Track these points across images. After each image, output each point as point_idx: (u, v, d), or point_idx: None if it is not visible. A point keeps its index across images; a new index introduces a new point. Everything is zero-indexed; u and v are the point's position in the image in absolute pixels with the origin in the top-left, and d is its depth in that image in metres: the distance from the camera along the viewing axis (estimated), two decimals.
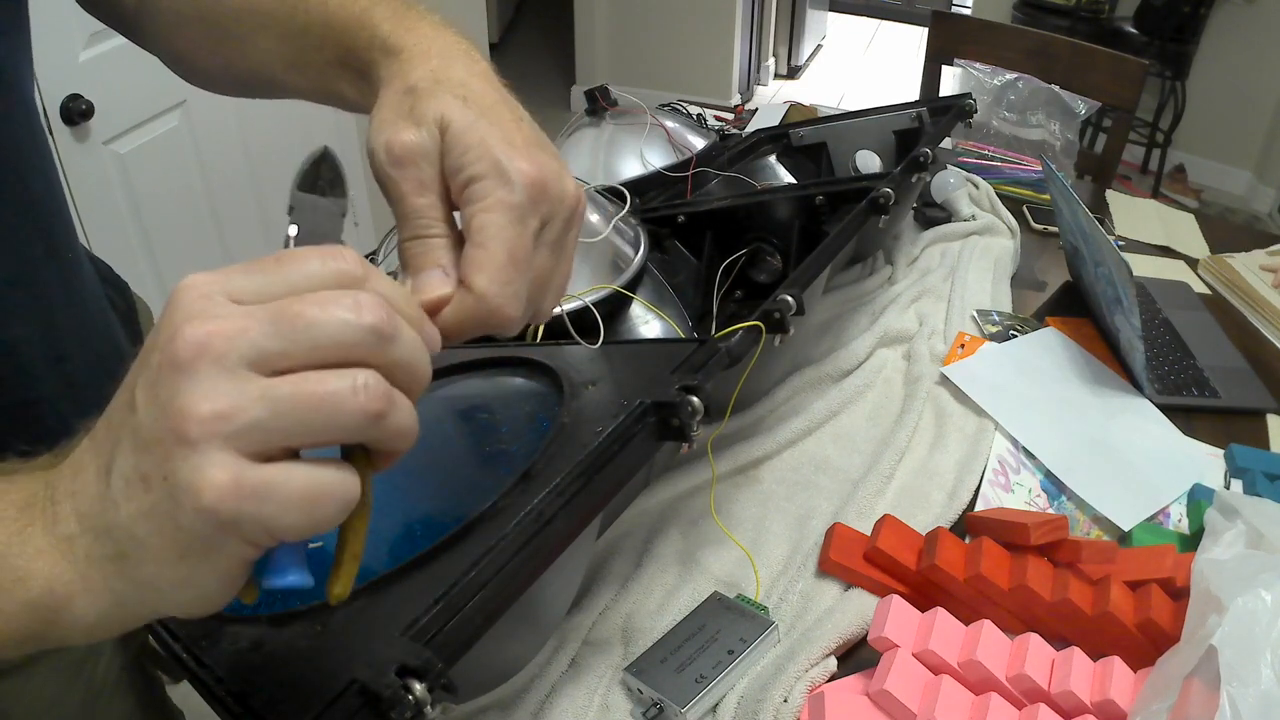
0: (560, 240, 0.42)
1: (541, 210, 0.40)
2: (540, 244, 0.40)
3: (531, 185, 0.39)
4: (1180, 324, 1.04)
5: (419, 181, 0.39)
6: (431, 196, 0.40)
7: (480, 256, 0.38)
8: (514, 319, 0.39)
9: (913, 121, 1.14)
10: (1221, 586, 0.55)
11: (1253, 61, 3.17)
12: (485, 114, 0.40)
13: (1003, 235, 1.19)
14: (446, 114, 0.40)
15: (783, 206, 0.93)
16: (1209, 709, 0.48)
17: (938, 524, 0.74)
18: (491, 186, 0.39)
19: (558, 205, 0.41)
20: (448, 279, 0.38)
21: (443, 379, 0.64)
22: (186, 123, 1.76)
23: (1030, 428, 0.85)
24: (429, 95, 0.41)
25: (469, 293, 0.38)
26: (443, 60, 0.43)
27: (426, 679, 0.35)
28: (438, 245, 0.39)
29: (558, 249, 0.42)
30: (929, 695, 0.56)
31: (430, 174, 0.40)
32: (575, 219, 0.43)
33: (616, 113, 1.14)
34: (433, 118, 0.40)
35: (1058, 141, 1.42)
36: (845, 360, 0.91)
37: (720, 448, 0.81)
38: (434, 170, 0.40)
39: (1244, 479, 0.81)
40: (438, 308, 0.38)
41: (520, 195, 0.39)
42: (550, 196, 0.40)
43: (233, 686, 0.40)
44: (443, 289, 0.38)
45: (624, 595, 0.68)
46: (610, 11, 3.72)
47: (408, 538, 0.46)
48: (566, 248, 0.43)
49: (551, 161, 0.41)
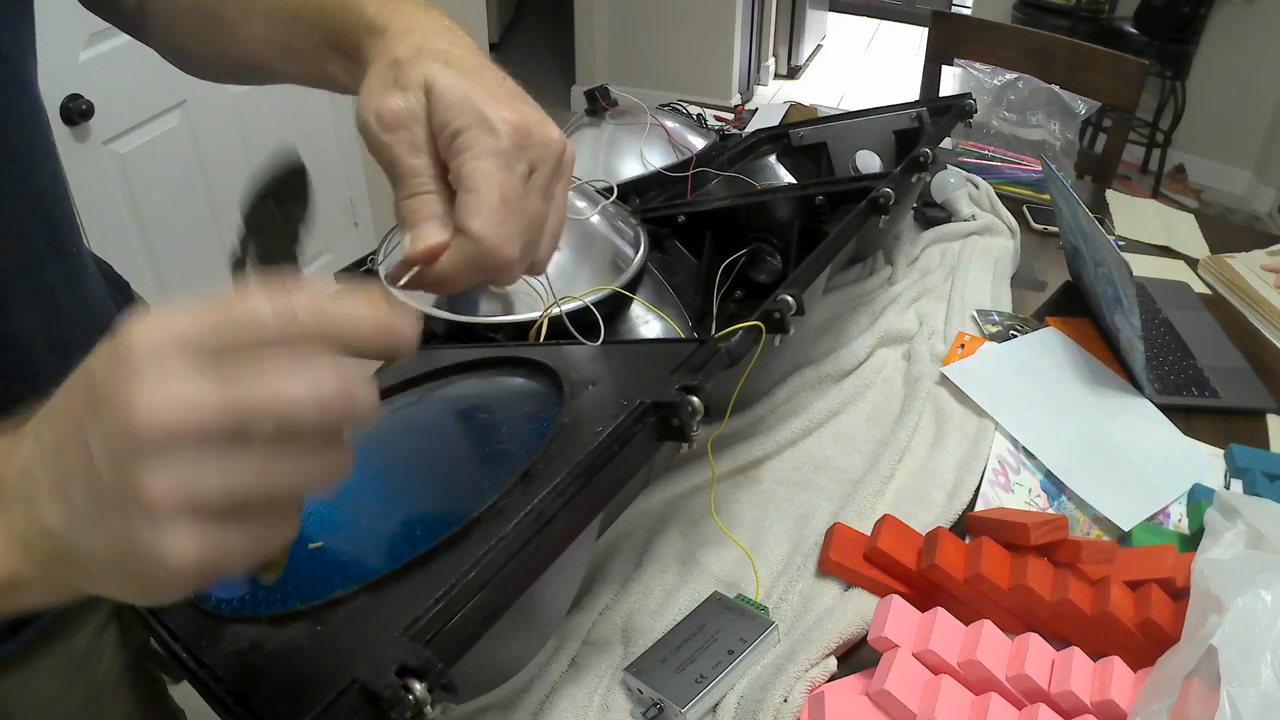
0: (548, 185, 0.43)
1: (528, 155, 0.41)
2: (530, 188, 0.42)
3: (516, 131, 0.41)
4: (1180, 324, 1.04)
5: (410, 144, 0.41)
6: (423, 157, 0.41)
7: (472, 201, 0.39)
8: (511, 260, 0.40)
9: (913, 121, 1.14)
10: (1221, 586, 0.55)
11: (1253, 61, 3.17)
12: (467, 74, 0.42)
13: (1003, 235, 1.19)
14: (430, 76, 0.41)
15: (783, 206, 0.93)
16: (1209, 709, 0.48)
17: (938, 524, 0.74)
18: (477, 135, 0.40)
19: (543, 150, 0.42)
20: (444, 228, 0.40)
21: (443, 379, 0.64)
22: (186, 122, 1.76)
23: (1030, 428, 0.85)
24: (412, 63, 0.42)
25: (465, 237, 0.39)
26: (425, 35, 0.45)
27: (426, 679, 0.35)
28: (432, 200, 0.40)
29: (547, 194, 0.43)
30: (929, 695, 0.56)
31: (420, 135, 0.41)
32: (563, 166, 0.44)
33: (616, 113, 1.14)
34: (417, 83, 0.41)
35: (1058, 141, 1.42)
36: (845, 360, 0.91)
37: (720, 448, 0.81)
38: (423, 131, 0.41)
39: (1244, 479, 0.81)
40: (435, 255, 0.39)
41: (506, 141, 0.40)
42: (535, 142, 0.42)
43: (233, 686, 0.40)
44: (440, 236, 0.39)
45: (624, 595, 0.68)
46: (610, 11, 3.72)
47: (408, 538, 0.46)
48: (556, 194, 0.44)
49: (534, 111, 0.43)
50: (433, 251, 0.39)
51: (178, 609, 0.48)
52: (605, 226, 0.83)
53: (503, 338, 0.73)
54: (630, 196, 1.03)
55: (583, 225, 0.81)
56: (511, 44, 4.56)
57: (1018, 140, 1.42)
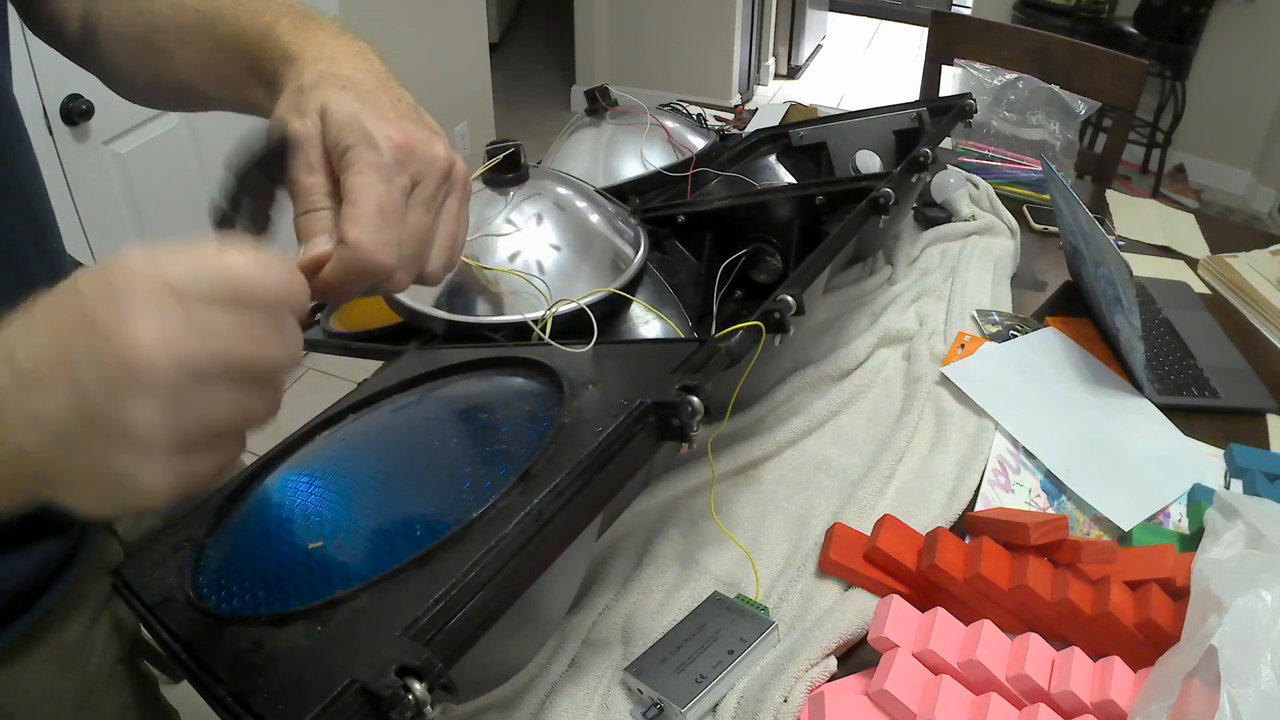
0: (433, 198, 0.46)
1: (409, 170, 0.44)
2: (413, 202, 0.45)
3: (398, 148, 0.44)
4: (1180, 324, 1.04)
5: (306, 164, 0.44)
6: (318, 175, 0.44)
7: (352, 212, 0.42)
8: (388, 266, 0.43)
9: (913, 121, 1.14)
10: (1221, 586, 0.55)
11: (1253, 61, 3.17)
12: (361, 97, 0.45)
13: (1003, 235, 1.19)
14: (326, 101, 0.45)
15: (783, 206, 0.93)
16: (1209, 709, 0.48)
17: (938, 524, 0.74)
18: (361, 152, 0.44)
19: (427, 166, 0.45)
20: (329, 240, 0.43)
21: (443, 379, 0.64)
22: (186, 123, 1.76)
23: (1030, 428, 0.85)
24: (314, 89, 0.45)
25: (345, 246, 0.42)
26: (331, 61, 0.48)
27: (426, 679, 0.35)
28: (324, 215, 0.43)
29: (432, 206, 0.46)
30: (929, 695, 0.56)
31: (315, 156, 0.44)
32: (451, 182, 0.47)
33: (616, 113, 1.14)
34: (314, 107, 0.45)
35: (1058, 141, 1.41)
36: (845, 360, 0.91)
37: (720, 448, 0.81)
38: (319, 152, 0.44)
39: (1244, 479, 0.81)
40: (320, 265, 0.42)
41: (388, 157, 0.43)
42: (418, 158, 0.45)
43: (233, 686, 0.40)
44: (324, 248, 0.42)
45: (624, 595, 0.68)
46: (610, 11, 3.72)
47: (408, 538, 0.46)
48: (447, 208, 0.47)
49: (421, 130, 0.46)
50: (318, 260, 0.42)
51: (178, 609, 0.48)
52: (605, 226, 0.83)
53: (503, 338, 0.73)
54: (630, 196, 1.03)
55: (583, 225, 0.81)
56: (511, 44, 4.56)
57: (1018, 140, 1.42)
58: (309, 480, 0.54)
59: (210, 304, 0.33)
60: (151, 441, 0.32)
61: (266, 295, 0.34)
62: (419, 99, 0.50)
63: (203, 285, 0.33)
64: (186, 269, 0.33)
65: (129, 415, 0.31)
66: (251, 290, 0.34)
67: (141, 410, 0.31)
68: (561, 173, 0.92)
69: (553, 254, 0.77)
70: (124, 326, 0.31)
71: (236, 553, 0.51)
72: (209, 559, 0.52)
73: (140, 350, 0.31)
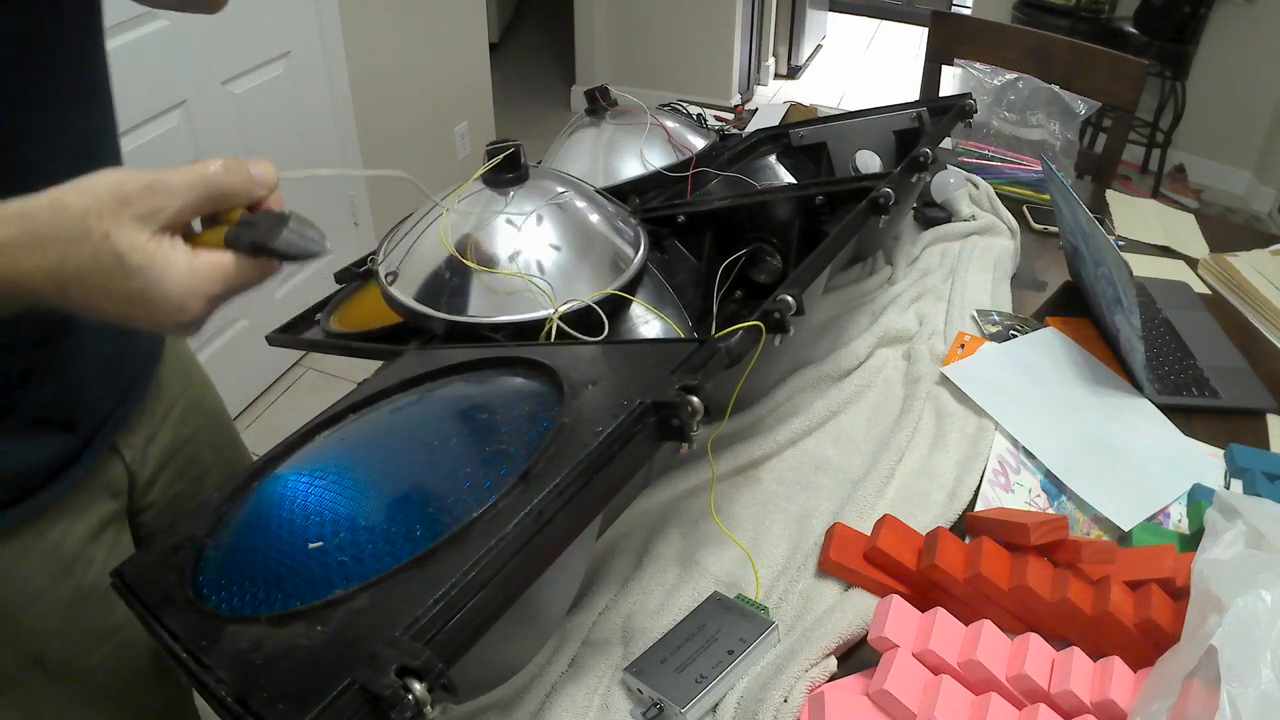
0: None
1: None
2: None
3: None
4: (1180, 324, 1.04)
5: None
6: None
7: None
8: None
9: (913, 121, 1.14)
10: (1221, 586, 0.55)
11: (1253, 61, 3.17)
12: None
13: (1003, 235, 1.19)
14: None
15: (783, 206, 0.93)
16: (1209, 709, 0.48)
17: (938, 524, 0.74)
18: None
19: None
20: None
21: (443, 379, 0.64)
22: (186, 123, 1.76)
23: (1030, 428, 0.85)
24: None
25: None
26: None
27: (426, 679, 0.35)
28: None
29: None
30: (929, 695, 0.56)
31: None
32: None
33: (616, 113, 1.14)
34: None
35: (1058, 141, 1.41)
36: (845, 360, 0.91)
37: (720, 448, 0.81)
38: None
39: (1244, 479, 0.81)
40: None
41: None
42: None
43: (233, 686, 0.40)
44: None
45: (624, 595, 0.68)
46: (610, 11, 3.72)
47: (408, 538, 0.46)
48: None
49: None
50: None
51: (178, 609, 0.48)
52: (605, 226, 0.83)
53: (503, 338, 0.73)
54: (630, 196, 1.03)
55: (583, 225, 0.81)
56: (511, 44, 4.56)
57: (1018, 140, 1.42)
58: (309, 480, 0.54)
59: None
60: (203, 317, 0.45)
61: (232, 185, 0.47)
62: (419, 99, 0.50)
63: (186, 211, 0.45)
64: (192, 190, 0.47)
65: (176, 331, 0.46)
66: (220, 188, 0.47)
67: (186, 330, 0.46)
68: (561, 173, 0.92)
69: (553, 254, 0.77)
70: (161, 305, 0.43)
71: (236, 553, 0.51)
72: (209, 559, 0.52)
73: (186, 318, 0.44)
